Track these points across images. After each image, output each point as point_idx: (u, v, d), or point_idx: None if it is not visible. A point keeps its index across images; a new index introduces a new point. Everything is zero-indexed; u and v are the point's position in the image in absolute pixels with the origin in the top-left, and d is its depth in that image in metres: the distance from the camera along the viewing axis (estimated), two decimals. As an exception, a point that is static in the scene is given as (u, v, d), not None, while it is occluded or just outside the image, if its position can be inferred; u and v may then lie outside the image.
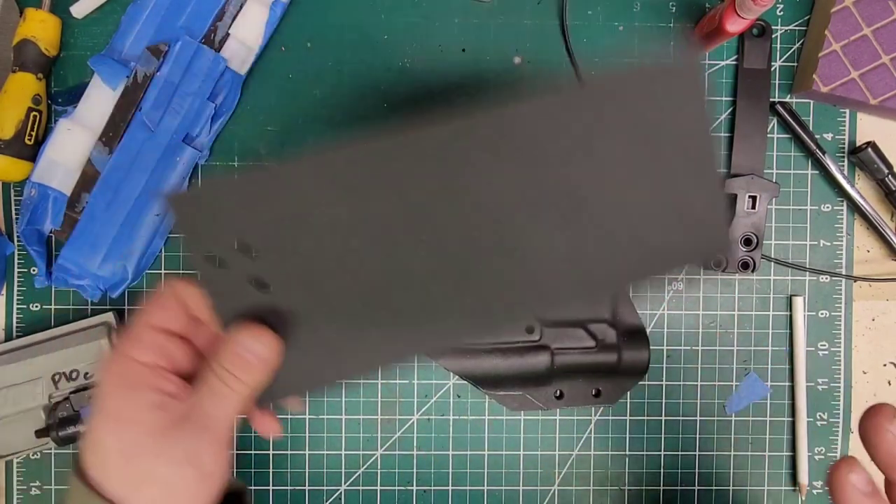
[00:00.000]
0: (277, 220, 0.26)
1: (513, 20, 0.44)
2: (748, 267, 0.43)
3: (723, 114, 0.44)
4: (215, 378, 0.28)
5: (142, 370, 0.28)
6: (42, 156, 0.41)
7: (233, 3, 0.42)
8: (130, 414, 0.27)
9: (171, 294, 0.31)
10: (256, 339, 0.28)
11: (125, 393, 0.28)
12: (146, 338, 0.29)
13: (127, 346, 0.29)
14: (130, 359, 0.29)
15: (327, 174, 0.26)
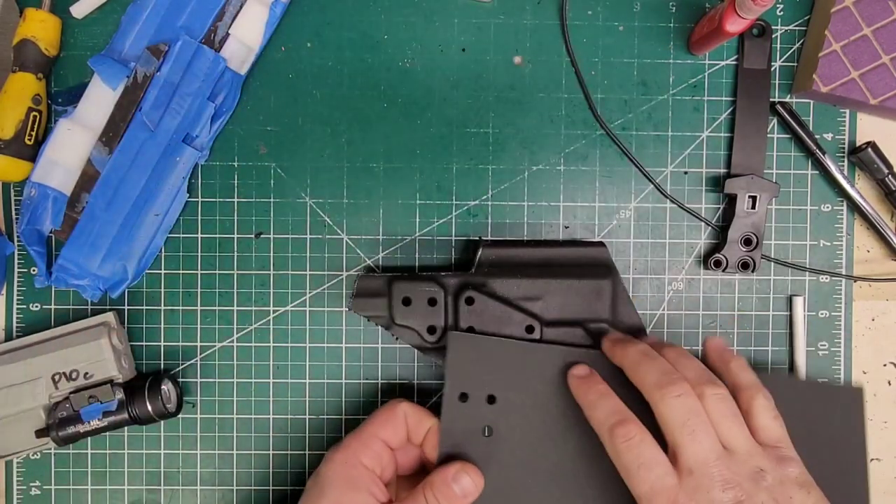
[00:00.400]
0: (521, 387, 0.36)
1: (513, 20, 0.44)
2: (748, 267, 0.43)
3: (723, 114, 0.44)
4: (423, 499, 0.34)
5: (364, 473, 0.34)
6: (42, 156, 0.41)
7: (233, 3, 0.42)
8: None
9: (400, 413, 0.37)
10: (468, 473, 0.34)
11: (348, 488, 0.34)
12: (374, 446, 0.35)
13: (357, 448, 0.35)
14: (358, 461, 0.35)
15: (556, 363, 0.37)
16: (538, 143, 0.44)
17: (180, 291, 0.44)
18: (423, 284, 0.40)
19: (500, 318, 0.39)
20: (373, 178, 0.44)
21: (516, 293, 0.40)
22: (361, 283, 0.40)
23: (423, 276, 0.40)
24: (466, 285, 0.40)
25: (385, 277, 0.40)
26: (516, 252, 0.41)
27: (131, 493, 0.44)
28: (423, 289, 0.39)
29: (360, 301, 0.40)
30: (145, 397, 0.41)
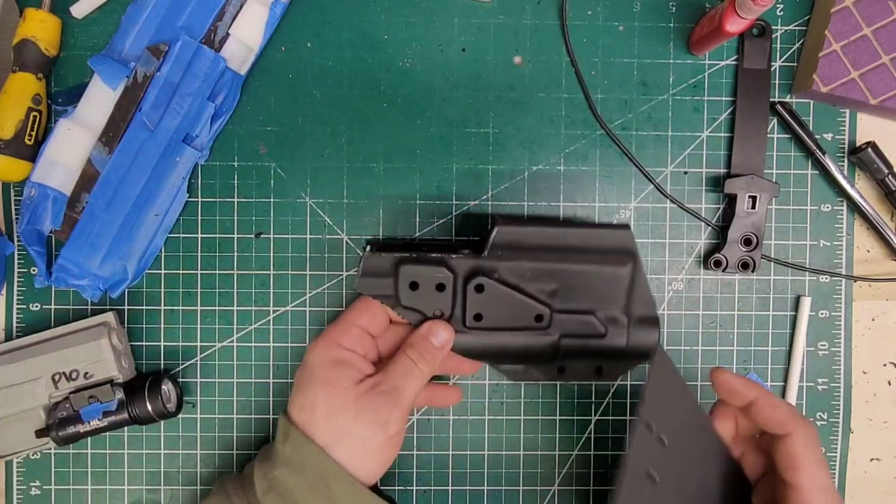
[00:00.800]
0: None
1: (513, 20, 0.44)
2: (748, 267, 0.43)
3: (723, 114, 0.44)
4: (407, 358, 0.37)
5: (346, 353, 0.37)
6: (42, 156, 0.41)
7: (233, 3, 0.42)
8: (338, 382, 0.36)
9: (375, 303, 0.39)
10: (440, 326, 0.39)
11: (334, 366, 0.37)
12: (352, 331, 0.38)
13: (335, 334, 0.38)
14: (338, 344, 0.37)
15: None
16: (538, 143, 0.44)
17: (180, 291, 0.44)
18: (432, 269, 0.38)
19: (511, 305, 0.39)
20: (373, 178, 0.44)
21: (529, 278, 0.39)
22: (367, 262, 0.38)
23: (431, 258, 0.38)
24: (477, 271, 0.39)
25: (392, 258, 0.38)
26: (534, 232, 0.39)
27: (131, 493, 0.44)
28: (432, 273, 0.38)
29: (366, 280, 0.38)
30: (145, 397, 0.41)
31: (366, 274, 0.38)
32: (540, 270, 0.39)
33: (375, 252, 0.38)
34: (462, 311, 0.39)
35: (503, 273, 0.39)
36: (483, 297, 0.39)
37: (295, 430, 0.36)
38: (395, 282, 0.38)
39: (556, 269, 0.39)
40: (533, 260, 0.39)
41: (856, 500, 0.46)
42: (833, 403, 0.45)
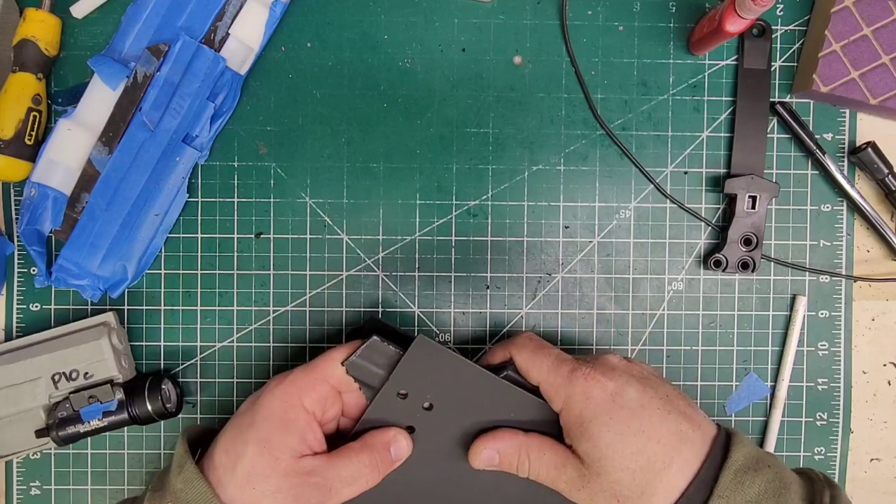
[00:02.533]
0: (460, 408, 0.36)
1: (513, 20, 0.44)
2: (748, 267, 0.43)
3: (723, 114, 0.44)
4: (358, 463, 0.34)
5: (303, 415, 0.33)
6: (42, 156, 0.41)
7: (233, 3, 0.42)
8: (275, 447, 0.32)
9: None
10: (405, 441, 0.36)
11: (280, 427, 0.33)
12: (320, 388, 0.34)
13: (302, 385, 0.34)
14: (299, 399, 0.34)
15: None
16: (538, 143, 0.44)
17: (180, 291, 0.44)
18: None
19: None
20: (373, 178, 0.44)
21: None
22: (370, 348, 0.35)
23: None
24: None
25: (397, 357, 0.36)
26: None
27: (131, 493, 0.44)
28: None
29: (358, 364, 0.35)
30: (145, 397, 0.41)
31: (363, 358, 0.35)
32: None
33: (384, 342, 0.36)
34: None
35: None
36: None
37: (190, 465, 0.32)
38: (386, 377, 0.36)
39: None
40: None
41: (856, 500, 0.46)
42: (833, 403, 0.45)
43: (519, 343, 0.37)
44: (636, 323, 0.45)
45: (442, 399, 0.36)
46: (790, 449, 0.45)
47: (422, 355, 0.35)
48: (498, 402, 0.36)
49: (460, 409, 0.36)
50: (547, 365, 0.35)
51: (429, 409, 0.36)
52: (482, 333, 0.45)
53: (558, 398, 0.34)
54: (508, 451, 0.35)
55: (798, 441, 0.45)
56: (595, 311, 0.45)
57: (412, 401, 0.36)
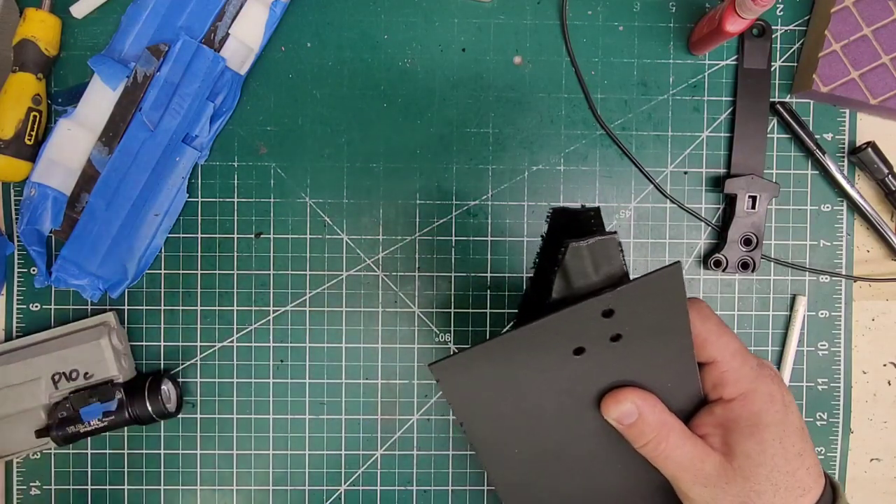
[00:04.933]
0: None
1: (513, 20, 0.44)
2: (748, 267, 0.43)
3: (723, 114, 0.44)
4: None
5: None
6: (42, 156, 0.41)
7: (233, 3, 0.42)
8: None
9: None
10: None
11: None
12: None
13: None
14: None
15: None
16: (538, 143, 0.44)
17: (180, 291, 0.44)
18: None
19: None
20: (373, 178, 0.44)
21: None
22: (604, 244, 0.29)
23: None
24: None
25: (622, 271, 0.30)
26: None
27: (131, 493, 0.44)
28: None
29: (582, 252, 0.29)
30: (145, 397, 0.41)
31: (590, 250, 0.29)
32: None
33: (619, 250, 0.30)
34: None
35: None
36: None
37: None
38: (600, 287, 0.30)
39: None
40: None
41: (856, 500, 0.46)
42: (833, 403, 0.45)
43: (703, 311, 0.32)
44: (636, 323, 0.45)
45: (634, 336, 0.30)
46: (790, 449, 0.45)
47: (664, 285, 0.28)
48: (670, 365, 0.31)
49: (639, 357, 0.31)
50: (734, 347, 0.31)
51: (615, 339, 0.29)
52: (482, 333, 0.45)
53: (736, 387, 0.31)
54: (650, 419, 0.31)
55: (798, 441, 0.45)
56: (595, 311, 0.45)
57: (609, 324, 0.29)
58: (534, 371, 0.30)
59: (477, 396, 0.31)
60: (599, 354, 0.30)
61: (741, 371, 0.31)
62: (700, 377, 0.32)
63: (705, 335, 0.32)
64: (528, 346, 0.29)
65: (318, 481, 0.45)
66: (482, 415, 0.31)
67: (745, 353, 0.32)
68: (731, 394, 0.32)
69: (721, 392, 0.32)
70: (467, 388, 0.30)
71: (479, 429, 0.32)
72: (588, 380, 0.31)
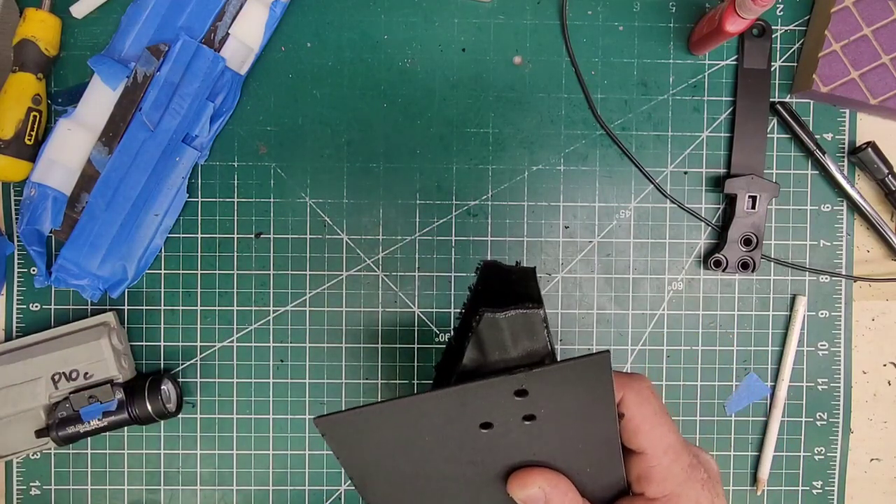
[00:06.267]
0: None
1: (513, 20, 0.44)
2: (748, 267, 0.43)
3: (723, 114, 0.44)
4: None
5: None
6: (42, 156, 0.41)
7: (233, 3, 0.42)
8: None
9: None
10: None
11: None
12: None
13: None
14: None
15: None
16: (538, 143, 0.44)
17: (180, 291, 0.44)
18: None
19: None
20: (373, 178, 0.44)
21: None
22: (527, 318, 0.27)
23: None
24: None
25: (546, 350, 0.29)
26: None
27: (131, 493, 0.44)
28: None
29: (499, 324, 0.27)
30: (145, 397, 0.41)
31: (510, 321, 0.27)
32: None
33: (545, 326, 0.28)
34: None
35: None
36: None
37: None
38: (518, 364, 0.28)
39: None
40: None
41: (856, 500, 0.46)
42: (833, 403, 0.45)
43: (642, 394, 0.29)
44: (636, 323, 0.45)
45: (550, 418, 0.28)
46: (790, 449, 0.45)
47: (588, 372, 0.26)
48: (590, 450, 0.29)
49: (553, 437, 0.29)
50: (668, 442, 0.29)
51: (527, 418, 0.27)
52: (482, 333, 0.45)
53: (662, 486, 0.29)
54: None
55: (798, 441, 0.45)
56: (595, 311, 0.45)
57: (522, 404, 0.27)
58: (437, 438, 0.28)
59: (371, 455, 0.28)
60: (510, 432, 0.28)
61: (670, 469, 0.29)
62: (626, 465, 0.29)
63: (639, 421, 0.29)
64: (431, 413, 0.27)
65: (318, 481, 0.45)
66: (376, 473, 0.29)
67: (679, 448, 0.29)
68: (655, 493, 0.29)
69: (645, 488, 0.29)
70: (360, 446, 0.28)
71: (372, 488, 0.29)
72: (496, 454, 0.28)
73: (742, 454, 0.45)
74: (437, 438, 0.28)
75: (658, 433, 0.29)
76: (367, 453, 0.28)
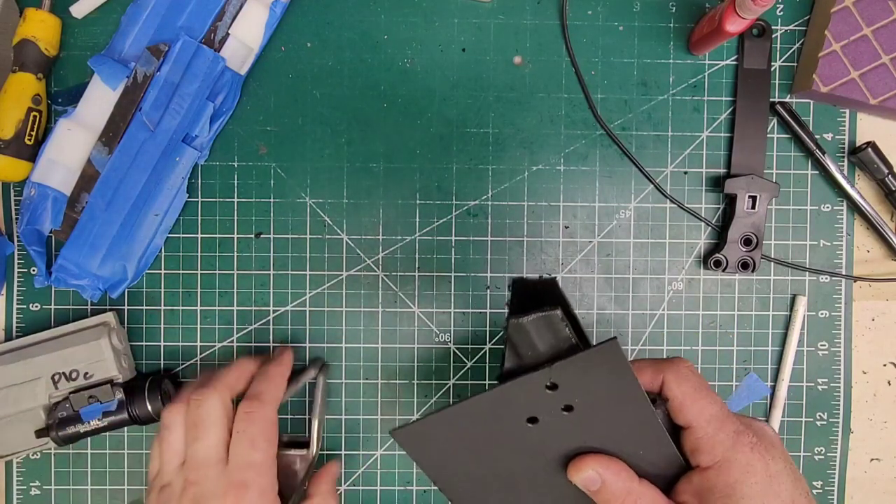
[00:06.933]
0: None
1: (513, 20, 0.44)
2: (748, 267, 0.43)
3: (723, 114, 0.44)
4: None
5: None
6: (42, 156, 0.41)
7: (233, 3, 0.42)
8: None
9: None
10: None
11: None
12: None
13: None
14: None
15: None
16: (538, 143, 0.44)
17: (180, 291, 0.44)
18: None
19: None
20: (373, 178, 0.44)
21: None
22: (548, 319, 0.31)
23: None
24: None
25: (569, 343, 0.32)
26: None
27: (131, 493, 0.44)
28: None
29: (526, 328, 0.31)
30: (145, 397, 0.41)
31: (533, 325, 0.31)
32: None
33: (564, 322, 0.31)
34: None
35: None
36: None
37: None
38: (547, 359, 0.31)
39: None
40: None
41: (856, 500, 0.46)
42: (833, 403, 0.45)
43: (681, 373, 0.32)
44: (636, 323, 0.45)
45: (585, 407, 0.30)
46: (790, 449, 0.45)
47: (602, 359, 0.29)
48: (635, 432, 0.31)
49: (595, 424, 0.31)
50: (711, 413, 0.31)
51: (567, 409, 0.30)
52: (482, 333, 0.45)
53: (711, 455, 0.30)
54: (615, 489, 0.31)
55: (798, 441, 0.45)
56: (595, 311, 0.45)
57: (556, 396, 0.30)
58: (497, 436, 0.31)
59: (445, 458, 0.31)
60: (554, 423, 0.30)
61: (716, 438, 0.30)
62: (680, 442, 0.31)
63: (681, 399, 0.31)
64: (482, 414, 0.30)
65: (318, 481, 0.44)
66: (453, 475, 0.32)
67: (722, 418, 0.31)
68: (707, 462, 0.31)
69: (698, 459, 0.31)
70: (433, 451, 0.31)
71: (454, 487, 0.32)
72: (549, 446, 0.31)
73: (742, 454, 0.45)
74: (494, 436, 0.31)
75: (699, 406, 0.31)
76: (440, 457, 0.31)
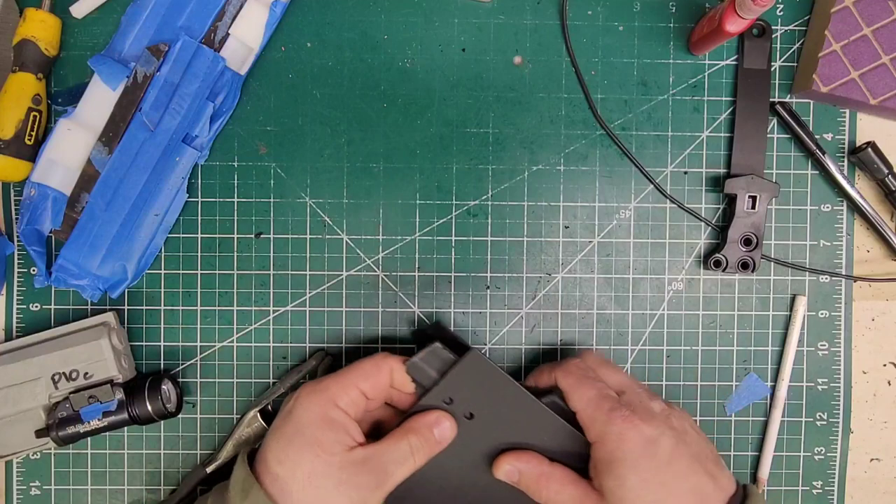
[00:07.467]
0: (498, 421, 0.38)
1: (513, 20, 0.44)
2: (748, 267, 0.43)
3: (723, 114, 0.44)
4: (406, 445, 0.36)
5: (341, 414, 0.35)
6: (42, 156, 0.41)
7: (233, 3, 0.42)
8: (328, 445, 0.34)
9: (386, 369, 0.37)
10: (448, 422, 0.37)
11: (326, 426, 0.34)
12: (352, 392, 0.36)
13: (335, 390, 0.36)
14: (335, 402, 0.35)
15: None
16: (538, 143, 0.44)
17: (180, 291, 0.44)
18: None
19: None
20: (373, 178, 0.44)
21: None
22: (431, 354, 0.37)
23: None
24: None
25: (452, 364, 0.37)
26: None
27: (131, 493, 0.44)
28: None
29: (417, 366, 0.37)
30: (145, 397, 0.41)
31: (423, 361, 0.37)
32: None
33: (444, 349, 0.37)
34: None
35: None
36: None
37: (258, 490, 0.33)
38: (439, 380, 0.37)
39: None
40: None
41: (856, 500, 0.46)
42: (833, 403, 0.45)
43: (565, 368, 0.38)
44: (636, 323, 0.45)
45: (483, 411, 0.37)
46: (790, 449, 0.45)
47: (472, 368, 0.37)
48: (535, 424, 0.37)
49: (498, 424, 0.38)
50: (588, 396, 0.36)
51: (469, 417, 0.37)
52: (482, 333, 0.45)
53: (594, 431, 0.35)
54: (529, 475, 0.37)
55: (798, 441, 0.45)
56: (595, 311, 0.45)
57: (456, 407, 0.37)
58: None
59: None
60: (464, 432, 0.37)
61: (594, 416, 0.35)
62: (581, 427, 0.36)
63: (566, 389, 0.37)
64: None
65: (318, 481, 0.44)
66: (404, 492, 0.36)
67: (599, 399, 0.36)
68: (593, 438, 0.36)
69: (589, 438, 0.36)
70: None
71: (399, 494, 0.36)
72: (473, 449, 0.38)
73: (742, 454, 0.45)
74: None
75: (579, 393, 0.36)
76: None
